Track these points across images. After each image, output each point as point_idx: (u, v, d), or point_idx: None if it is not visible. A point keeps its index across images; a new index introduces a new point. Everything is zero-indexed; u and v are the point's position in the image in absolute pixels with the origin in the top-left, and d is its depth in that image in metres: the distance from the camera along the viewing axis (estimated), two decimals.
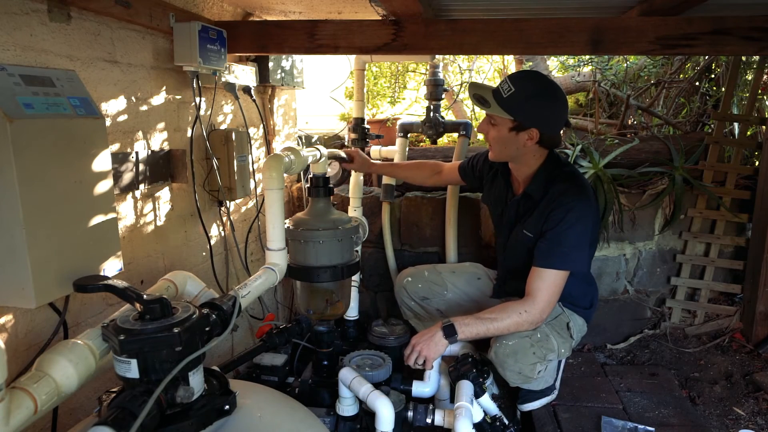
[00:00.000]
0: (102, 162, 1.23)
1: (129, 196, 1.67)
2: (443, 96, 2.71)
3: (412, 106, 4.70)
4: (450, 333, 1.73)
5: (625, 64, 3.47)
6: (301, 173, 2.69)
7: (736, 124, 2.85)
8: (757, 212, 2.62)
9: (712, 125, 2.86)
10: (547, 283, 1.74)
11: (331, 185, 1.89)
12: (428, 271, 2.28)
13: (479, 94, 1.75)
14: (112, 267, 1.26)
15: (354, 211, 2.55)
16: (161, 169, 1.82)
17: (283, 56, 2.46)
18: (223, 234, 2.24)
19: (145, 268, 1.76)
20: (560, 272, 1.74)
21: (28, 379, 0.95)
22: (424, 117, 2.61)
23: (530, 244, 1.82)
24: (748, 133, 2.84)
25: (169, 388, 0.98)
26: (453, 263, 2.51)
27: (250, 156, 2.17)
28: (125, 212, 1.66)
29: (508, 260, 2.02)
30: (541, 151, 1.81)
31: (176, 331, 0.98)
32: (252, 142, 2.22)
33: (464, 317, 1.76)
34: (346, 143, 3.50)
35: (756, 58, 2.82)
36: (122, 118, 1.63)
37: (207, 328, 1.08)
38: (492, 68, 4.46)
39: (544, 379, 1.94)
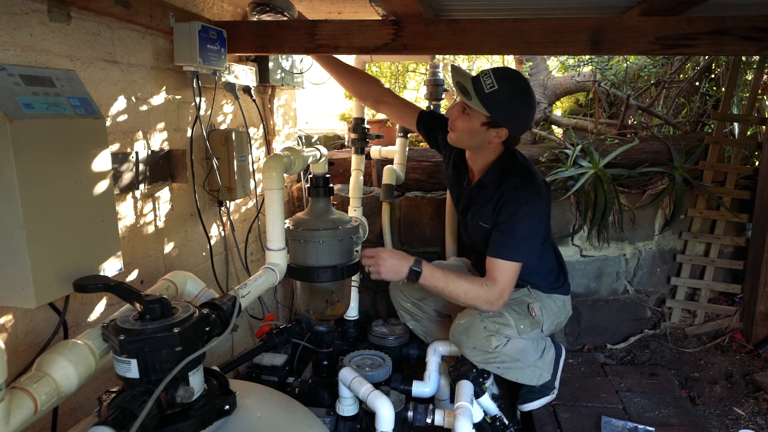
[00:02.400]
0: (102, 162, 1.23)
1: (129, 196, 1.67)
2: (443, 96, 2.71)
3: None
4: (414, 276, 1.76)
5: (625, 64, 3.47)
6: (301, 173, 2.69)
7: (736, 124, 2.85)
8: (757, 212, 2.62)
9: (712, 125, 2.86)
10: (501, 272, 1.78)
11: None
12: None
13: (461, 82, 1.76)
14: (112, 267, 1.26)
15: (354, 211, 2.55)
16: (161, 169, 1.82)
17: (283, 56, 2.46)
18: (223, 234, 2.24)
19: (145, 268, 1.76)
20: (512, 263, 1.77)
21: (28, 379, 0.95)
22: None
23: (486, 234, 1.87)
24: (748, 133, 2.84)
25: (169, 388, 0.98)
26: (443, 261, 2.50)
27: (250, 156, 2.17)
28: (125, 212, 1.66)
29: (471, 240, 2.06)
30: (501, 147, 1.85)
31: (176, 331, 0.99)
32: (252, 142, 2.21)
33: (435, 268, 1.79)
34: (346, 143, 3.51)
35: (756, 58, 2.82)
36: (122, 118, 1.63)
37: (207, 328, 1.08)
38: None
39: (531, 371, 1.96)
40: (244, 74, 2.16)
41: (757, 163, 2.73)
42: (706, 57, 3.12)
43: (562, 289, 2.04)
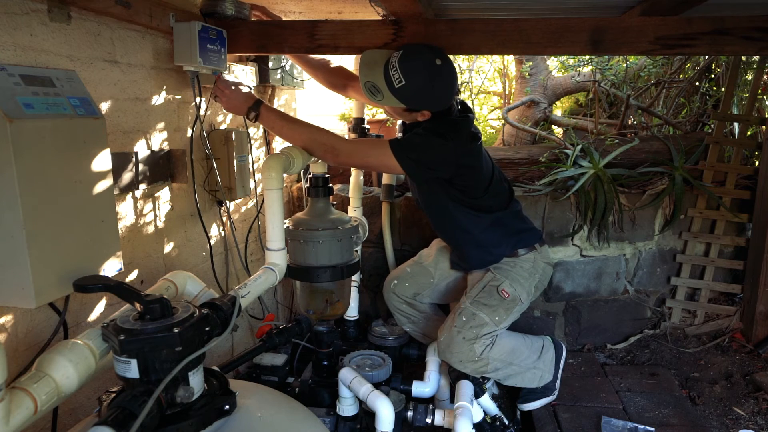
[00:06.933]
0: (102, 162, 1.23)
1: (129, 196, 1.67)
2: None
3: None
4: (254, 117, 1.80)
5: (625, 64, 3.47)
6: (301, 173, 2.69)
7: (736, 124, 2.85)
8: (757, 212, 2.62)
9: (712, 125, 2.86)
10: (371, 144, 1.89)
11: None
12: (410, 267, 2.27)
13: (372, 81, 1.75)
14: (112, 267, 1.26)
15: (354, 211, 2.55)
16: (161, 169, 1.82)
17: (283, 56, 2.46)
18: (223, 234, 2.24)
19: (145, 268, 1.76)
20: (383, 149, 1.76)
21: (28, 379, 0.95)
22: None
23: (423, 185, 1.94)
24: (748, 133, 2.84)
25: (169, 388, 0.98)
26: (427, 248, 2.44)
27: (250, 156, 2.17)
28: (125, 212, 1.66)
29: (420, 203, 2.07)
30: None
31: (176, 331, 0.99)
32: (252, 142, 2.22)
33: (272, 111, 1.83)
34: None
35: (756, 58, 2.82)
36: (122, 118, 1.63)
37: (207, 328, 1.08)
38: (492, 68, 4.46)
39: (532, 373, 1.96)
40: (244, 74, 2.16)
41: (757, 163, 2.73)
42: (706, 57, 3.12)
43: (527, 240, 1.99)
